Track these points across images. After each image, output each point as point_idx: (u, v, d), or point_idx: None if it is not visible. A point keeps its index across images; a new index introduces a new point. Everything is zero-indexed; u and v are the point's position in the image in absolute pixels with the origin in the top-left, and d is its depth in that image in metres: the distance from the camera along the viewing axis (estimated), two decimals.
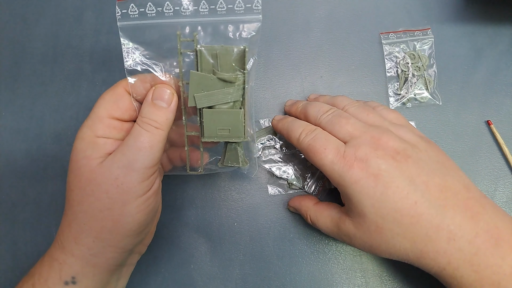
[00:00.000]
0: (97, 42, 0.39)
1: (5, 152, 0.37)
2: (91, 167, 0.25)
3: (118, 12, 0.25)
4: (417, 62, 0.38)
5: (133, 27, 0.26)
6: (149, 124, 0.25)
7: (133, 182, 0.25)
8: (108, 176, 0.24)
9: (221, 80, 0.26)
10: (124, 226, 0.25)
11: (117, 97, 0.27)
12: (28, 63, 0.39)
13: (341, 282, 0.34)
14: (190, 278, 0.34)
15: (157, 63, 0.27)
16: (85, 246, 0.25)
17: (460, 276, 0.25)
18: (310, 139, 0.29)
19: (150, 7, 0.25)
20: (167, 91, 0.26)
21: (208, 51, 0.26)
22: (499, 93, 0.38)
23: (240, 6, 0.26)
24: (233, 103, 0.27)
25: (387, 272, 0.34)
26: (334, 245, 0.35)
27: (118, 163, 0.25)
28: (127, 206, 0.25)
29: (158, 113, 0.26)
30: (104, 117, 0.26)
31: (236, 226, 0.35)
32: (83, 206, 0.25)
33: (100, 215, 0.25)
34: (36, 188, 0.36)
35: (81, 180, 0.25)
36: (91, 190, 0.25)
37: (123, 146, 0.25)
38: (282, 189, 0.36)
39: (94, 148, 0.25)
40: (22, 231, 0.36)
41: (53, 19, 0.40)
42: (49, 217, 0.36)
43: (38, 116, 0.38)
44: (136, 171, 0.25)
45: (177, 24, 0.26)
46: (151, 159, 0.25)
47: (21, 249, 0.35)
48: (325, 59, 0.39)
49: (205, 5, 0.26)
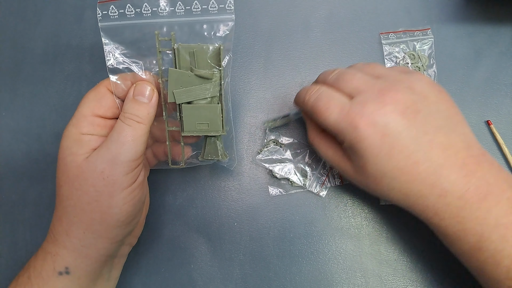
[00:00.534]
0: (97, 42, 0.39)
1: (5, 152, 0.37)
2: (78, 163, 0.26)
3: (99, 13, 0.27)
4: (417, 62, 0.38)
5: (114, 27, 0.27)
6: (131, 119, 0.27)
7: (118, 175, 0.26)
8: (94, 169, 0.26)
9: (199, 77, 0.28)
10: (112, 217, 0.27)
11: (100, 95, 0.28)
12: (28, 63, 0.39)
13: (341, 282, 0.34)
14: (190, 278, 0.34)
15: (137, 61, 0.28)
16: (76, 238, 0.26)
17: (444, 226, 0.26)
18: (314, 99, 0.29)
19: (129, 8, 0.27)
20: (148, 87, 0.28)
21: (185, 49, 0.27)
22: (499, 93, 0.38)
23: (214, 7, 0.27)
24: (211, 99, 0.29)
25: (387, 272, 0.34)
26: (334, 245, 0.35)
27: (103, 157, 0.26)
28: (114, 198, 0.26)
29: (140, 108, 0.27)
30: (88, 115, 0.27)
31: (236, 226, 0.35)
32: (72, 200, 0.26)
33: (89, 208, 0.26)
34: (36, 188, 0.36)
35: (68, 175, 0.26)
36: (78, 184, 0.26)
37: (108, 141, 0.26)
38: (283, 189, 0.36)
39: (79, 145, 0.26)
40: (22, 231, 0.36)
41: (53, 19, 0.40)
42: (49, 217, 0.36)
43: (38, 116, 0.38)
44: (121, 164, 0.26)
45: (155, 24, 0.28)
46: (134, 152, 0.26)
47: (21, 249, 0.35)
48: (325, 59, 0.39)
49: (181, 6, 0.27)
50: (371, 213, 0.36)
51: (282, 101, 0.38)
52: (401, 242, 0.35)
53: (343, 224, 0.35)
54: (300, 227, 0.35)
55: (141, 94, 0.27)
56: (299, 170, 0.36)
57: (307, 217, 0.36)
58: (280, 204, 0.36)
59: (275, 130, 0.37)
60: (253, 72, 0.39)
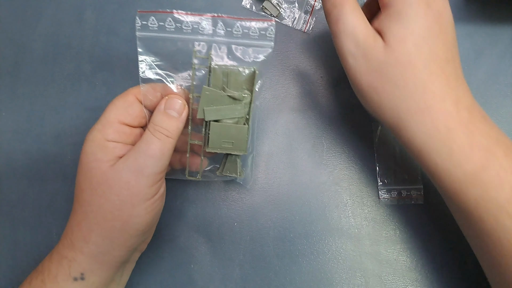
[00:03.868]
0: (97, 42, 0.39)
1: (5, 152, 0.37)
2: (103, 170, 0.26)
3: (138, 22, 0.27)
4: None
5: (151, 38, 0.28)
6: (161, 132, 0.27)
7: (143, 186, 0.26)
8: (120, 179, 0.26)
9: (230, 97, 0.28)
10: (132, 227, 0.27)
11: (128, 104, 0.28)
12: (28, 63, 0.39)
13: (341, 282, 0.34)
14: (190, 278, 0.34)
15: (170, 74, 0.29)
16: (94, 245, 0.26)
17: (452, 139, 0.25)
18: None
19: (170, 22, 0.27)
20: (179, 102, 0.28)
21: (220, 69, 0.28)
22: (499, 93, 0.38)
23: (255, 32, 0.28)
24: (238, 119, 0.29)
25: (387, 272, 0.34)
26: (333, 245, 0.35)
27: (129, 168, 0.26)
28: (136, 208, 0.26)
29: (170, 122, 0.27)
30: (114, 122, 0.27)
31: (236, 226, 0.36)
32: (94, 206, 0.26)
33: (110, 216, 0.26)
34: (36, 188, 0.36)
35: (92, 181, 0.26)
36: (102, 192, 0.26)
37: (135, 151, 0.26)
38: None
39: (104, 151, 0.26)
40: (22, 231, 0.36)
41: (53, 19, 0.40)
42: (49, 217, 0.36)
43: (38, 116, 0.38)
44: (146, 176, 0.26)
45: (194, 40, 0.28)
46: (161, 165, 0.27)
47: (21, 249, 0.35)
48: (325, 59, 0.39)
49: (222, 26, 0.27)
50: (371, 213, 0.36)
51: (282, 101, 0.38)
52: (401, 242, 0.35)
53: (343, 224, 0.35)
54: (300, 227, 0.35)
55: (173, 108, 0.28)
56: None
57: (307, 217, 0.36)
58: (281, 204, 0.36)
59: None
60: None
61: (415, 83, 0.25)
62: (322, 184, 0.36)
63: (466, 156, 0.24)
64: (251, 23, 0.27)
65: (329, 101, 0.38)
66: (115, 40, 0.39)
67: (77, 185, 0.27)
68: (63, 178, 0.37)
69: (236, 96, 0.28)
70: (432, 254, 0.34)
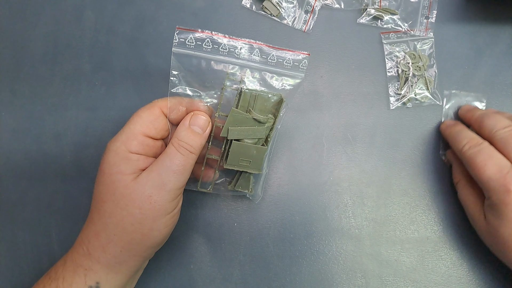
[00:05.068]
0: (96, 42, 0.39)
1: (5, 152, 0.37)
2: (126, 183, 0.26)
3: (176, 39, 0.27)
4: (418, 62, 0.38)
5: (187, 55, 0.28)
6: (185, 148, 0.27)
7: (165, 201, 0.26)
8: (143, 193, 0.26)
9: (254, 120, 0.29)
10: (151, 239, 0.27)
11: (153, 117, 0.28)
12: (28, 63, 0.39)
13: (341, 283, 0.34)
14: (190, 278, 0.34)
15: (198, 91, 0.30)
16: (112, 255, 0.27)
17: None
18: (473, 152, 0.30)
19: (207, 43, 0.28)
20: (204, 119, 0.29)
21: (249, 92, 0.29)
22: (499, 93, 0.38)
23: (289, 63, 0.29)
24: (258, 139, 0.30)
25: (387, 272, 0.34)
26: (334, 245, 0.35)
27: (153, 182, 0.26)
28: (157, 222, 0.27)
29: (194, 138, 0.28)
30: (138, 135, 0.27)
31: (236, 226, 0.35)
32: (115, 218, 0.26)
33: (131, 228, 0.26)
34: (36, 188, 0.36)
35: (114, 193, 0.26)
36: (124, 205, 0.26)
37: (158, 166, 0.27)
38: None
39: (127, 164, 0.27)
40: (22, 231, 0.36)
41: (52, 19, 0.40)
42: (49, 217, 0.36)
43: (38, 116, 0.38)
44: (168, 191, 0.26)
45: (229, 63, 0.29)
46: (182, 180, 0.27)
47: (21, 249, 0.35)
48: (325, 59, 0.39)
49: (258, 53, 0.29)
50: (371, 213, 0.35)
51: None
52: (401, 243, 0.35)
53: (343, 225, 0.35)
54: (300, 228, 0.35)
55: (198, 125, 0.28)
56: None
57: (307, 217, 0.35)
58: (280, 204, 0.36)
59: None
60: None
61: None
62: (322, 185, 0.36)
63: None
64: (287, 54, 0.29)
65: (329, 101, 0.38)
66: (115, 40, 0.39)
67: (97, 195, 0.27)
68: (63, 178, 0.36)
69: (261, 119, 0.29)
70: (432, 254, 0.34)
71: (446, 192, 0.36)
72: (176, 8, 0.40)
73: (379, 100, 0.38)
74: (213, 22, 0.39)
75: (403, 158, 0.37)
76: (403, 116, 0.37)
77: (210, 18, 0.40)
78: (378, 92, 0.38)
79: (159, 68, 0.38)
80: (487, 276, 0.34)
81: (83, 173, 0.36)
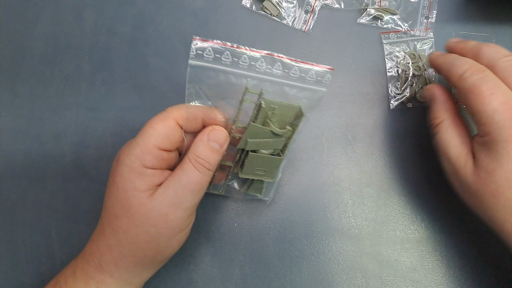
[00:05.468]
0: (96, 42, 0.39)
1: (5, 152, 0.37)
2: (141, 200, 0.25)
3: (193, 51, 0.25)
4: (418, 62, 0.38)
5: (204, 68, 0.26)
6: (202, 165, 0.26)
7: (180, 219, 0.26)
8: (159, 211, 0.25)
9: (272, 132, 0.28)
10: (164, 255, 0.28)
11: (169, 129, 0.27)
12: (27, 63, 0.39)
13: (341, 283, 0.34)
14: (190, 278, 0.34)
15: (216, 104, 0.28)
16: (125, 270, 0.27)
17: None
18: (477, 78, 0.26)
19: (226, 55, 0.26)
20: (224, 135, 0.27)
21: (268, 105, 0.27)
22: None
23: (311, 77, 0.28)
24: (274, 150, 0.30)
25: (388, 272, 0.34)
26: (334, 245, 0.35)
27: (169, 200, 0.25)
28: (171, 239, 0.27)
29: (212, 155, 0.27)
30: (153, 149, 0.26)
31: (236, 226, 0.35)
32: (129, 235, 0.26)
33: (145, 245, 0.26)
34: (35, 188, 0.36)
35: (130, 210, 0.26)
36: (140, 222, 0.25)
37: (175, 183, 0.26)
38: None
39: (142, 180, 0.26)
40: (21, 231, 0.36)
41: (52, 18, 0.40)
42: (49, 218, 0.36)
43: (38, 116, 0.38)
44: (185, 210, 0.26)
45: (249, 77, 0.27)
46: (198, 197, 0.27)
47: (20, 249, 0.35)
48: (325, 59, 0.39)
49: (280, 67, 0.27)
50: (371, 213, 0.35)
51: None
52: (401, 243, 0.35)
53: (343, 225, 0.35)
54: (300, 228, 0.35)
55: (216, 141, 0.27)
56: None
57: (307, 217, 0.35)
58: (280, 204, 0.36)
59: None
60: None
61: (505, 209, 0.25)
62: (322, 185, 0.36)
63: None
64: (310, 68, 0.27)
65: (329, 101, 0.38)
66: (115, 40, 0.39)
67: (110, 208, 0.26)
68: (63, 178, 0.36)
69: (279, 132, 0.28)
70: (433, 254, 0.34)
71: (446, 192, 0.36)
72: (176, 8, 0.40)
73: (379, 100, 0.38)
74: (213, 22, 0.39)
75: (403, 158, 0.37)
76: (403, 116, 0.37)
77: (210, 18, 0.40)
78: (378, 92, 0.38)
79: (159, 68, 0.38)
80: (487, 275, 0.34)
81: (83, 173, 0.36)
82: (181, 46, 0.39)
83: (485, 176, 0.25)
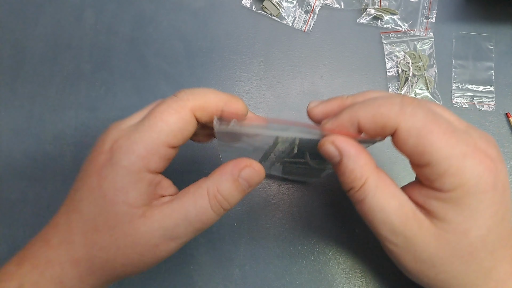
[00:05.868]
0: (97, 42, 0.39)
1: (5, 152, 0.37)
2: (132, 219, 0.21)
3: (217, 128, 0.22)
4: (418, 62, 0.38)
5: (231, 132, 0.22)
6: (220, 206, 0.22)
7: (171, 252, 0.22)
8: (148, 240, 0.21)
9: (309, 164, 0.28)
10: (139, 272, 0.23)
11: (184, 123, 0.21)
12: (28, 63, 0.39)
13: (342, 283, 0.34)
14: (190, 278, 0.34)
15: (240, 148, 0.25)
16: (90, 286, 0.22)
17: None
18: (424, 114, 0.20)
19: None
20: (260, 177, 0.22)
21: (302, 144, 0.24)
22: (499, 93, 0.38)
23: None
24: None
25: (388, 272, 0.34)
26: (334, 245, 0.35)
27: (164, 232, 0.21)
28: (154, 264, 0.22)
29: (237, 196, 0.22)
30: (162, 146, 0.21)
31: (236, 226, 0.35)
32: (106, 255, 0.21)
33: (122, 269, 0.22)
34: (35, 188, 0.36)
35: (114, 228, 0.21)
36: (123, 245, 0.21)
37: (179, 214, 0.21)
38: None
39: (139, 190, 0.21)
40: (21, 231, 0.36)
41: (52, 18, 0.40)
42: (49, 217, 0.36)
43: (38, 116, 0.38)
44: (179, 244, 0.22)
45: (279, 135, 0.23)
46: (199, 232, 0.22)
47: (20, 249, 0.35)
48: (325, 59, 0.39)
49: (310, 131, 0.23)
50: None
51: (282, 101, 0.38)
52: None
53: (343, 225, 0.35)
54: (300, 228, 0.35)
55: (248, 181, 0.22)
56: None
57: (307, 217, 0.35)
58: (280, 204, 0.36)
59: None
60: (253, 72, 0.39)
61: (476, 274, 0.21)
62: (322, 184, 0.36)
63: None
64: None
65: None
66: (115, 40, 0.39)
67: (88, 218, 0.21)
68: (63, 178, 0.36)
69: (317, 167, 0.27)
70: None
71: None
72: (176, 8, 0.40)
73: None
74: (213, 22, 0.39)
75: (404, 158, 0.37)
76: None
77: (210, 18, 0.40)
78: None
79: (159, 68, 0.38)
80: None
81: None
82: (181, 46, 0.39)
83: (456, 239, 0.20)
